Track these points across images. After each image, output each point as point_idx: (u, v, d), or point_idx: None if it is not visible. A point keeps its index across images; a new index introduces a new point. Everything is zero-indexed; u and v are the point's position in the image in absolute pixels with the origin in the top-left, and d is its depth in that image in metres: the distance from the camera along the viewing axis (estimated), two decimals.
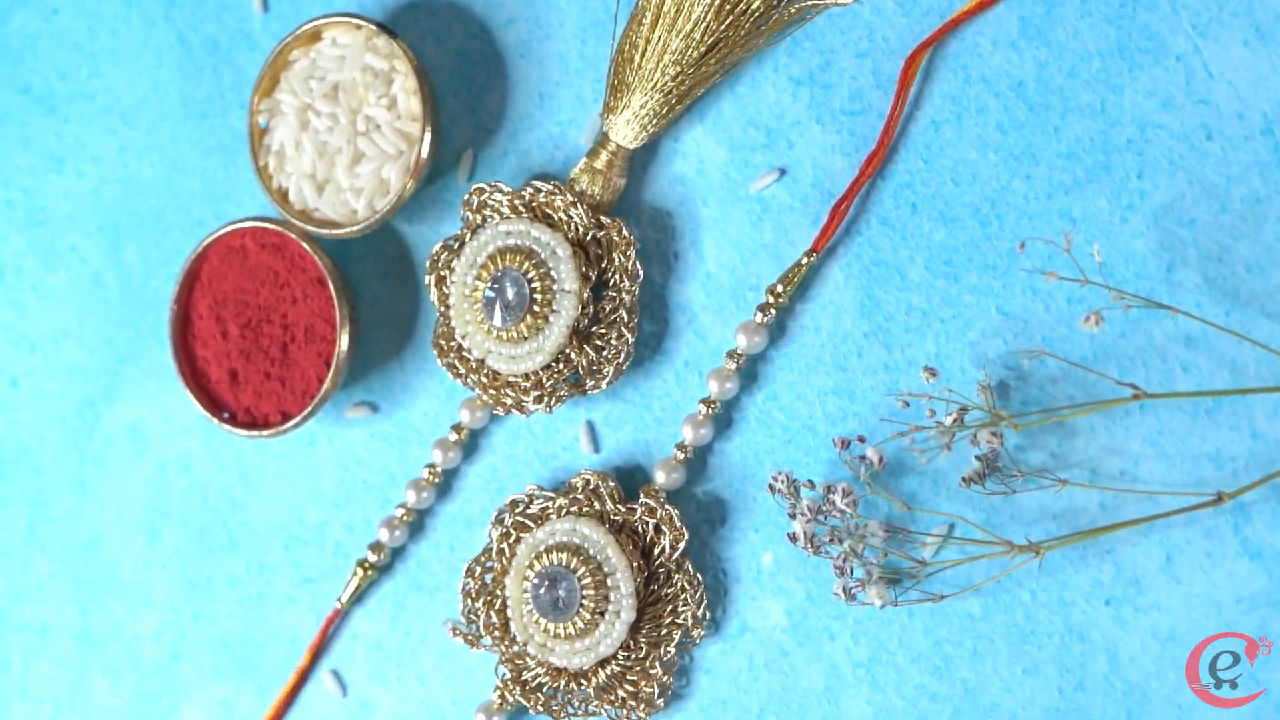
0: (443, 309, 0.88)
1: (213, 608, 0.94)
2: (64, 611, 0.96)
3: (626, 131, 0.85)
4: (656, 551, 0.86)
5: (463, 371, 0.88)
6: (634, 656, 0.86)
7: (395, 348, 0.91)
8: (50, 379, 0.97)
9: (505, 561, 0.87)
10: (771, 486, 0.82)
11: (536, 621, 0.86)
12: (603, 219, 0.86)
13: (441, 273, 0.88)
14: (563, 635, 0.86)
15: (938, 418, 0.80)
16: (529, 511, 0.87)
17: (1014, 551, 0.79)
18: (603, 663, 0.86)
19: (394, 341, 0.91)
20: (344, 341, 0.89)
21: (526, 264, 0.85)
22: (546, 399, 0.87)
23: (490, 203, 0.87)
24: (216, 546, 0.94)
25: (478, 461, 0.90)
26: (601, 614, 0.85)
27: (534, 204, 0.87)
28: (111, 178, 0.95)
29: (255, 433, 0.90)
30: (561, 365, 0.86)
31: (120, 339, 0.96)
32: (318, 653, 0.92)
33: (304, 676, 0.92)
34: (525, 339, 0.86)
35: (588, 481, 0.87)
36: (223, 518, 0.94)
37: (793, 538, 0.82)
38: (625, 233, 0.86)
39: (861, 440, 0.82)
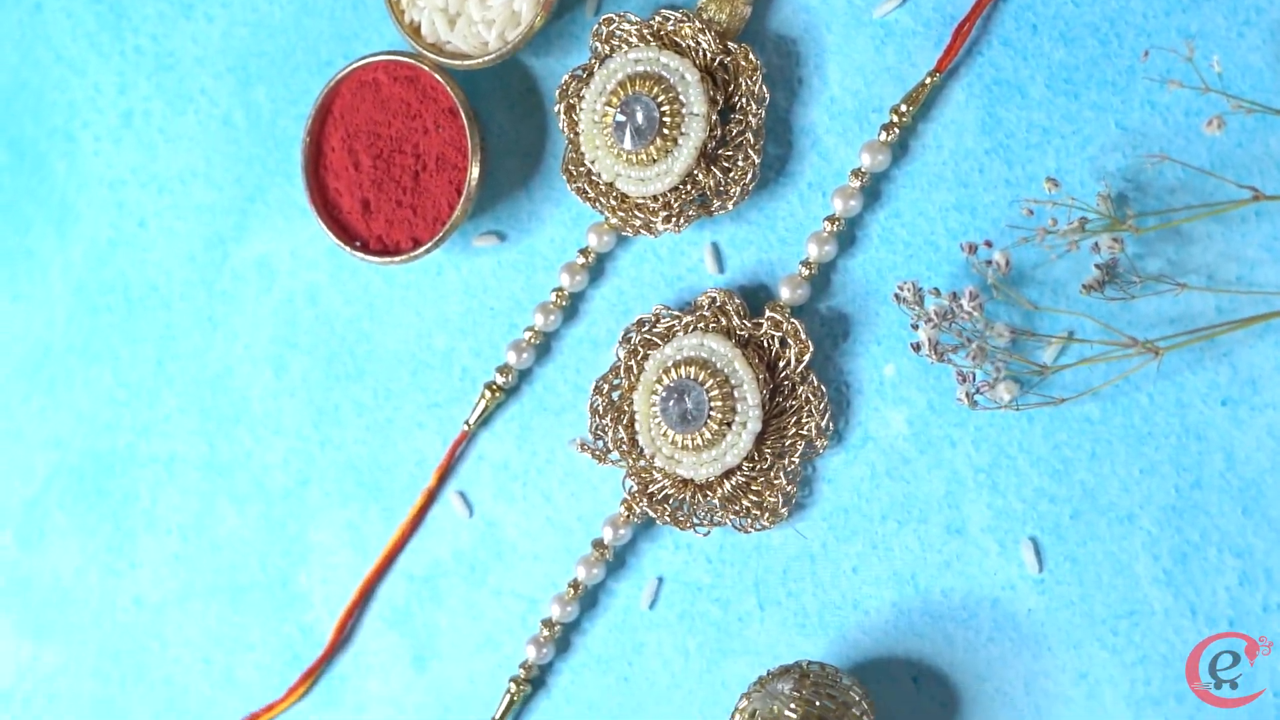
0: (572, 136, 0.91)
1: (340, 434, 0.97)
2: (191, 443, 0.99)
3: None
4: (781, 365, 0.89)
5: (592, 195, 0.91)
6: (759, 467, 0.89)
7: (522, 178, 0.94)
8: (179, 218, 0.99)
9: (633, 378, 0.90)
10: (897, 295, 0.85)
11: (664, 434, 0.89)
12: (730, 45, 0.89)
13: (571, 101, 0.91)
14: (690, 447, 0.89)
15: (1060, 226, 0.83)
16: (655, 330, 0.90)
17: (1135, 349, 0.82)
18: (728, 474, 0.89)
19: (521, 172, 0.94)
20: (475, 170, 0.92)
21: (655, 89, 0.88)
22: (675, 219, 0.89)
23: (619, 32, 0.90)
24: (344, 375, 0.97)
25: (603, 285, 0.93)
26: (728, 425, 0.88)
27: (662, 32, 0.90)
28: (240, 21, 0.98)
29: (388, 259, 0.93)
30: (689, 187, 0.89)
31: (249, 177, 0.98)
32: (445, 474, 0.95)
33: (431, 498, 0.95)
34: (654, 161, 0.89)
35: (714, 299, 0.89)
36: (350, 347, 0.97)
37: (916, 347, 0.85)
38: (751, 58, 0.88)
39: (988, 245, 0.85)
